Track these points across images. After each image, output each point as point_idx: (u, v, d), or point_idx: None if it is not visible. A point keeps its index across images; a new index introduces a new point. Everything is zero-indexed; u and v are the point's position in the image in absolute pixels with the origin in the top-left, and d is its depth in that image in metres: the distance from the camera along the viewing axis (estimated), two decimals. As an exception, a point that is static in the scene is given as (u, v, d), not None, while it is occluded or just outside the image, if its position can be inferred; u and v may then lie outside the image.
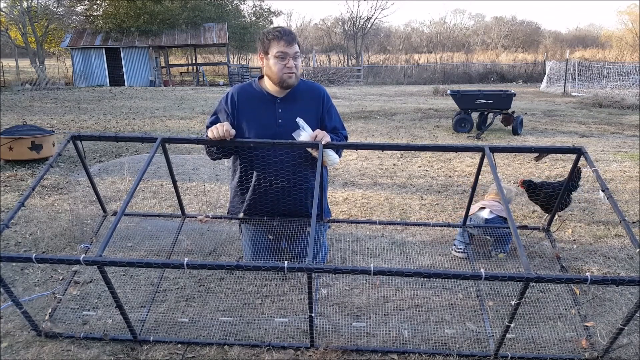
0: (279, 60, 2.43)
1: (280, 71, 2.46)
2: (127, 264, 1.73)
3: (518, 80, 25.05)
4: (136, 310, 2.27)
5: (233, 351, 2.00)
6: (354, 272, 1.71)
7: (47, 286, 2.52)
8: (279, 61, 2.44)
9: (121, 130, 8.09)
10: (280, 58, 2.43)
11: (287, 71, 2.46)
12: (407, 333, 2.12)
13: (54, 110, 10.81)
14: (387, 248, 3.04)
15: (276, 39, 2.42)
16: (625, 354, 2.00)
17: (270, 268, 1.73)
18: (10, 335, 2.08)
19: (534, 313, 2.30)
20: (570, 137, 7.55)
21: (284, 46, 2.42)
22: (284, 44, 2.42)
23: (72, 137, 2.37)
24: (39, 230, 3.30)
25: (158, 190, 4.28)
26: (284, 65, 2.44)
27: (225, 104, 2.60)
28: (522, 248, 1.81)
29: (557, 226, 3.35)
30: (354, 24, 36.25)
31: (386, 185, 4.60)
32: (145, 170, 2.16)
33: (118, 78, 23.39)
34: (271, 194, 2.62)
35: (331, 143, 2.43)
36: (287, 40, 2.42)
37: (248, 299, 2.40)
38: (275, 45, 2.43)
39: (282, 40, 2.41)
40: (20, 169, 5.08)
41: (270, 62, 2.47)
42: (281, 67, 2.45)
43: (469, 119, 8.01)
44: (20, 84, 19.00)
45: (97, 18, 25.10)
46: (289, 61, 2.44)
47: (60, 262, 1.76)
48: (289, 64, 2.45)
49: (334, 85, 22.78)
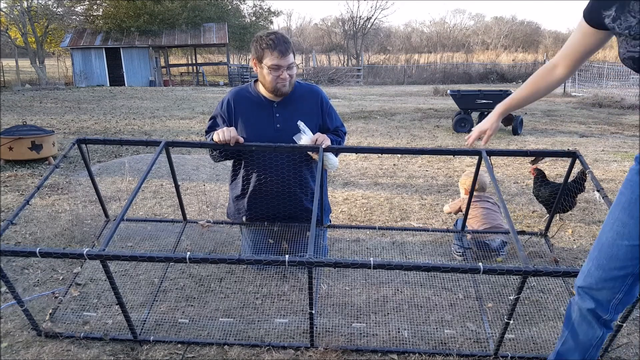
0: (273, 71, 2.40)
1: (273, 81, 2.43)
2: (129, 257, 1.74)
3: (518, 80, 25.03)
4: (136, 310, 2.27)
5: (233, 351, 2.00)
6: (354, 265, 1.72)
7: (47, 286, 2.52)
8: (273, 72, 2.40)
9: (121, 130, 8.09)
10: (274, 70, 2.40)
11: (281, 82, 2.43)
12: (407, 333, 2.12)
13: (54, 110, 10.81)
14: (387, 248, 3.05)
15: (269, 49, 2.36)
16: (625, 354, 2.00)
17: (271, 262, 1.74)
18: (10, 335, 2.08)
19: (534, 313, 2.31)
20: (570, 137, 7.55)
21: (278, 58, 2.36)
22: (278, 55, 2.36)
23: (78, 141, 2.39)
24: (39, 230, 3.30)
25: (158, 190, 4.28)
26: (278, 76, 2.41)
27: (221, 109, 2.59)
28: (521, 245, 1.82)
29: (557, 227, 3.36)
30: (354, 24, 36.27)
31: (386, 185, 4.60)
32: (148, 172, 2.17)
33: (118, 78, 23.38)
34: (271, 196, 2.62)
35: (332, 147, 2.44)
36: (281, 51, 2.36)
37: (248, 299, 2.40)
38: (269, 55, 2.37)
39: (275, 50, 2.35)
40: (20, 169, 5.08)
41: (263, 71, 2.43)
42: (274, 78, 2.42)
43: (469, 119, 8.01)
44: (20, 84, 18.99)
45: (97, 18, 25.12)
46: (283, 73, 2.41)
47: (64, 256, 1.77)
48: (282, 76, 2.41)
49: (333, 85, 22.78)
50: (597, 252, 1.45)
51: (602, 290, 1.45)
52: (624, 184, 1.43)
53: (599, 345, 1.54)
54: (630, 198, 1.39)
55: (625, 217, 1.38)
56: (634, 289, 1.43)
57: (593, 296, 1.47)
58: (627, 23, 1.19)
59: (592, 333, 1.52)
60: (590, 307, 1.48)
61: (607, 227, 1.43)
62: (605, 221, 1.46)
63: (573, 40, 1.48)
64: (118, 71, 23.56)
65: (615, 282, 1.42)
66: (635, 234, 1.36)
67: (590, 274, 1.46)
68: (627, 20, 1.19)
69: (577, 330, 1.54)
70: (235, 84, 23.21)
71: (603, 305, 1.46)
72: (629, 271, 1.39)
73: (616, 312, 1.47)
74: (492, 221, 2.95)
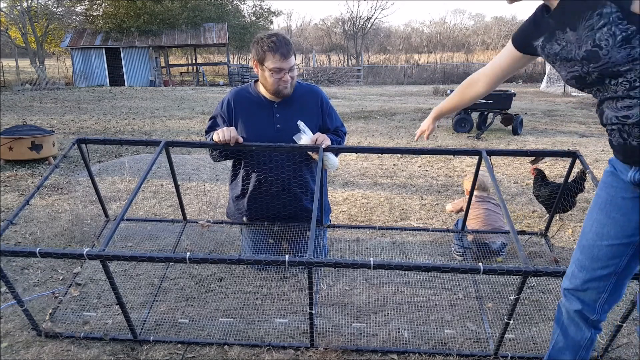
0: (275, 74, 2.41)
1: (275, 84, 2.44)
2: (129, 257, 1.74)
3: (518, 80, 25.03)
4: (136, 310, 2.27)
5: (233, 351, 2.00)
6: (354, 265, 1.73)
7: (47, 286, 2.52)
8: (275, 75, 2.41)
9: (121, 130, 8.09)
10: (276, 72, 2.40)
11: (283, 84, 2.45)
12: (407, 333, 2.12)
13: (53, 110, 10.81)
14: (387, 248, 3.05)
15: (271, 52, 2.36)
16: (625, 354, 2.00)
17: (271, 262, 1.74)
18: (10, 335, 2.08)
19: (534, 313, 2.30)
20: (570, 137, 7.54)
21: (280, 61, 2.37)
22: (280, 57, 2.37)
23: (78, 141, 2.39)
24: (39, 230, 3.30)
25: (158, 190, 4.28)
26: (280, 79, 2.42)
27: (221, 109, 2.60)
28: (521, 245, 1.83)
29: (557, 227, 3.36)
30: (354, 24, 36.25)
31: (386, 185, 4.60)
32: (148, 172, 2.17)
33: (118, 78, 23.37)
34: (271, 196, 2.62)
35: (332, 147, 2.44)
36: (283, 54, 2.37)
37: (248, 299, 2.40)
38: (271, 58, 2.38)
39: (277, 53, 2.36)
40: (20, 169, 5.08)
41: (265, 74, 2.43)
42: (277, 81, 2.43)
43: (469, 119, 8.01)
44: (20, 84, 18.98)
45: (97, 18, 25.10)
46: (285, 75, 2.42)
47: (64, 256, 1.77)
48: (284, 78, 2.42)
49: (333, 85, 22.78)
50: (580, 254, 1.50)
51: (587, 291, 1.49)
52: (599, 185, 1.48)
53: (588, 346, 1.58)
54: (606, 199, 1.43)
55: (602, 217, 1.43)
56: (619, 287, 1.47)
57: (579, 297, 1.51)
58: (553, 50, 1.38)
59: (581, 335, 1.56)
60: (577, 308, 1.52)
61: (587, 228, 1.48)
62: (585, 223, 1.50)
63: (500, 62, 1.65)
64: (118, 71, 23.55)
65: (600, 282, 1.46)
66: (614, 233, 1.41)
67: (574, 276, 1.51)
68: (552, 48, 1.38)
69: (566, 332, 1.59)
70: (235, 84, 23.21)
71: (589, 305, 1.50)
72: (611, 270, 1.44)
73: (603, 312, 1.51)
74: (493, 223, 2.95)
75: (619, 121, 1.29)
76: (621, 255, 1.41)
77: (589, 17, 1.24)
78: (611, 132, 1.34)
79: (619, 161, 1.38)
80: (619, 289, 1.47)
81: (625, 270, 1.43)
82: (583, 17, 1.26)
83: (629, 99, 1.25)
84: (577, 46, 1.30)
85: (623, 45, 1.20)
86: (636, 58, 1.20)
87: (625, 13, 1.19)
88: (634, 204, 1.37)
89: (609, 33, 1.21)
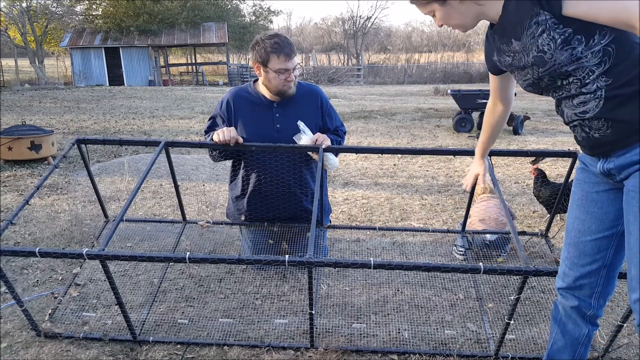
0: (280, 74, 2.41)
1: (280, 84, 2.44)
2: (129, 258, 1.74)
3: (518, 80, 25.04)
4: (136, 310, 2.27)
5: (233, 352, 2.00)
6: (354, 265, 1.72)
7: (47, 286, 2.52)
8: (280, 75, 2.41)
9: (120, 130, 8.08)
10: (281, 73, 2.41)
11: (288, 84, 2.45)
12: (407, 333, 2.12)
13: (53, 110, 10.80)
14: (387, 248, 3.04)
15: (275, 53, 2.37)
16: (626, 354, 2.00)
17: (271, 262, 1.74)
18: (9, 335, 2.08)
19: (535, 313, 2.30)
20: (570, 137, 7.54)
21: (285, 61, 2.38)
22: (284, 58, 2.37)
23: (77, 141, 2.38)
24: (38, 231, 3.30)
25: (158, 190, 4.28)
26: (285, 79, 2.43)
27: (220, 109, 2.59)
28: (521, 246, 1.82)
29: (557, 227, 3.35)
30: (354, 24, 36.24)
31: (386, 185, 4.60)
32: (147, 172, 2.16)
33: (117, 78, 23.34)
34: (271, 197, 2.62)
35: (332, 147, 2.44)
36: (287, 54, 2.38)
37: (248, 300, 2.40)
38: (275, 60, 2.38)
39: (282, 54, 2.37)
40: (19, 169, 5.07)
41: (269, 75, 2.43)
42: (282, 81, 2.43)
43: (470, 119, 8.01)
44: (19, 84, 18.97)
45: (97, 17, 25.06)
46: (290, 75, 2.42)
47: (64, 256, 1.76)
48: (289, 78, 2.43)
49: (334, 85, 22.77)
50: (567, 253, 1.53)
51: (581, 288, 1.52)
52: (574, 183, 1.52)
53: (586, 343, 1.60)
54: (582, 195, 1.48)
55: (581, 214, 1.48)
56: (610, 280, 1.50)
57: (574, 294, 1.54)
58: (507, 62, 1.46)
59: (579, 331, 1.58)
60: (574, 304, 1.54)
61: (569, 227, 1.53)
62: (567, 222, 1.54)
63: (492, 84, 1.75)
64: (117, 71, 23.53)
65: (591, 278, 1.49)
66: (595, 227, 1.45)
67: (566, 275, 1.54)
68: (505, 60, 1.46)
69: (564, 330, 1.60)
70: (234, 83, 23.20)
71: (585, 301, 1.53)
72: (600, 264, 1.47)
73: (599, 307, 1.53)
74: (491, 214, 2.96)
75: (578, 117, 1.35)
76: (606, 247, 1.45)
77: (528, 25, 1.30)
78: (574, 129, 1.40)
79: (587, 155, 1.43)
80: (611, 281, 1.50)
81: (613, 262, 1.47)
82: (523, 27, 1.31)
83: (582, 95, 1.31)
84: (525, 54, 1.36)
85: (564, 47, 1.26)
86: (579, 57, 1.26)
87: (558, 18, 1.24)
88: (609, 196, 1.41)
89: (549, 38, 1.27)
